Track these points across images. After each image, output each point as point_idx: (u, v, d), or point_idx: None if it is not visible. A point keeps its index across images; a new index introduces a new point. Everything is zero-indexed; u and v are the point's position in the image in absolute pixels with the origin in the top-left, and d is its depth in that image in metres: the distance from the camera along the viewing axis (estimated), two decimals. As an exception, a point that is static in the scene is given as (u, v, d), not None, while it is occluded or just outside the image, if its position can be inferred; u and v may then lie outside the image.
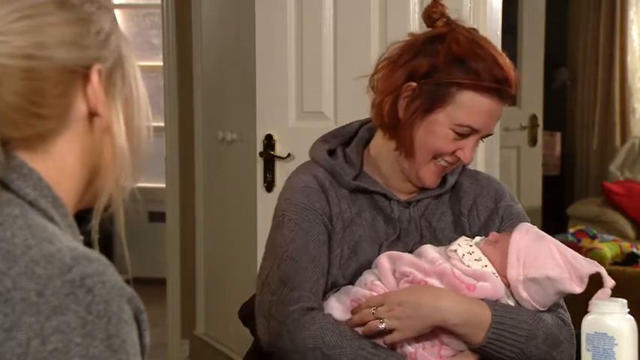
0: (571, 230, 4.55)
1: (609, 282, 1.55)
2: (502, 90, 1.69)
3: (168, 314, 4.30)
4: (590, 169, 6.02)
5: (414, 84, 1.69)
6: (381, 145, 1.80)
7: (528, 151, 5.21)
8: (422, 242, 1.76)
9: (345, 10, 2.79)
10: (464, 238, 1.72)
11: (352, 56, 2.75)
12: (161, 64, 4.33)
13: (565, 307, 1.74)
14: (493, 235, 1.72)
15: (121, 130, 1.00)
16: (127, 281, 0.91)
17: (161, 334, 4.28)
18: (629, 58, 5.89)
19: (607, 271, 1.58)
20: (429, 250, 1.69)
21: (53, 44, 0.94)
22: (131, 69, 1.03)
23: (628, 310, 1.44)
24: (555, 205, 5.64)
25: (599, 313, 1.43)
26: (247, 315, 1.95)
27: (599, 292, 1.53)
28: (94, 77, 0.98)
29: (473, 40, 1.71)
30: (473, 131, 1.71)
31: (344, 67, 2.78)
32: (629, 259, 4.13)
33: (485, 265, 1.65)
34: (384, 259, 1.71)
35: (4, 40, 0.92)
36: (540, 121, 5.23)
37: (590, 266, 1.60)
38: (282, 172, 2.85)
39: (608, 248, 4.14)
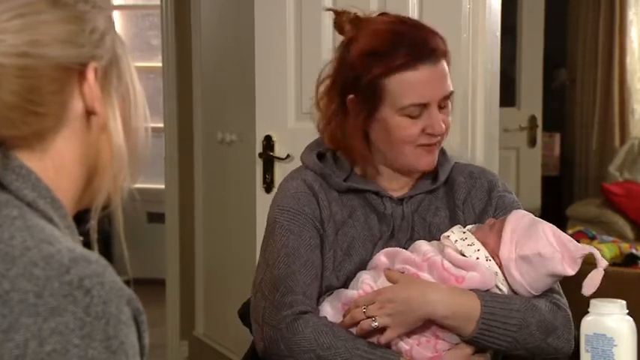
0: (570, 231, 4.54)
1: (602, 262, 1.57)
2: (420, 54, 1.68)
3: (168, 315, 4.30)
4: (590, 169, 6.02)
5: (352, 95, 1.72)
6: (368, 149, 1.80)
7: (527, 151, 5.20)
8: (413, 238, 1.77)
9: (345, 11, 2.79)
10: (458, 226, 1.73)
11: (351, 57, 2.75)
12: (160, 64, 4.33)
13: (562, 292, 1.74)
14: (489, 220, 1.73)
15: (118, 128, 1.00)
16: (127, 282, 0.91)
17: (160, 334, 4.28)
18: (628, 59, 5.88)
19: (606, 272, 1.58)
20: (423, 244, 1.71)
21: (47, 42, 0.94)
22: (127, 68, 1.03)
23: (627, 311, 1.44)
24: (554, 206, 5.63)
25: (599, 314, 1.43)
26: (247, 314, 1.95)
27: (593, 272, 1.54)
28: (90, 75, 0.98)
29: (378, 28, 1.73)
30: (422, 105, 1.70)
31: (343, 67, 2.78)
32: (629, 260, 4.12)
33: (478, 250, 1.65)
34: (381, 257, 1.72)
35: None
36: (539, 122, 5.23)
37: (584, 248, 1.61)
38: (281, 173, 2.85)
39: (608, 249, 4.14)
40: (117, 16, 6.19)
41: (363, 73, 1.71)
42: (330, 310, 1.71)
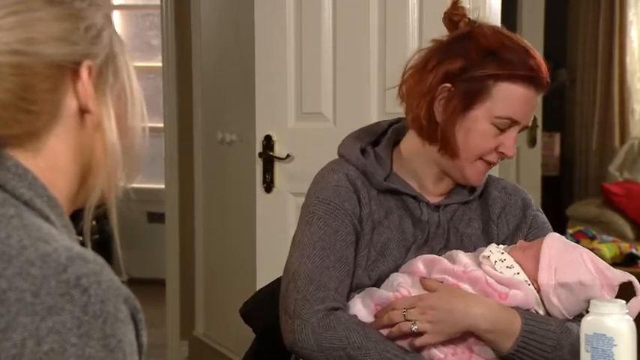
0: (570, 231, 4.55)
1: None
2: (537, 78, 1.69)
3: (168, 315, 4.30)
4: (590, 169, 6.02)
5: (449, 85, 1.69)
6: (414, 146, 1.78)
7: (527, 151, 5.20)
8: (447, 247, 1.76)
9: (344, 11, 2.79)
10: (494, 245, 1.71)
11: (351, 57, 2.75)
12: (160, 64, 4.33)
13: None
14: (521, 242, 1.71)
15: (111, 126, 1.00)
16: (131, 281, 0.91)
17: (160, 334, 4.28)
18: (628, 59, 5.89)
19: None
20: (461, 255, 1.69)
21: (42, 40, 0.94)
22: (124, 66, 1.03)
23: (627, 310, 1.44)
24: (554, 206, 5.63)
25: (598, 314, 1.43)
26: (249, 313, 1.95)
27: (633, 300, 1.53)
28: (84, 73, 0.98)
29: (500, 32, 1.72)
30: (513, 123, 1.70)
31: (343, 67, 2.78)
32: (628, 259, 4.13)
33: (518, 273, 1.64)
34: (419, 264, 1.70)
35: None
36: (539, 122, 5.23)
37: (623, 275, 1.60)
38: (281, 173, 2.85)
39: (607, 249, 4.14)
40: (117, 16, 6.19)
41: (475, 69, 1.68)
42: (362, 308, 1.69)
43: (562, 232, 4.65)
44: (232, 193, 3.65)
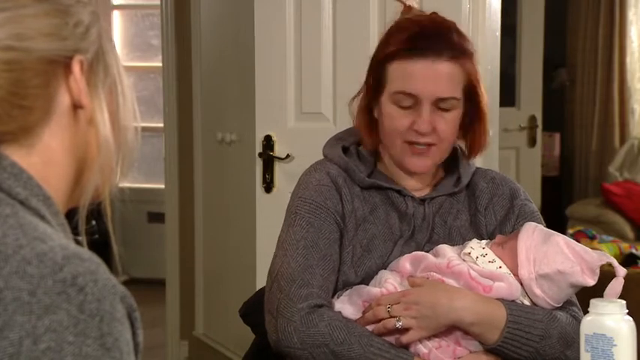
0: (570, 231, 4.55)
1: (621, 271, 1.56)
2: (424, 48, 1.70)
3: (167, 315, 4.30)
4: (589, 169, 6.02)
5: (371, 78, 1.77)
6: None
7: (527, 152, 5.20)
8: (432, 240, 1.76)
9: (344, 11, 2.79)
10: (475, 240, 1.72)
11: (351, 57, 2.75)
12: (160, 64, 4.33)
13: (579, 305, 1.74)
14: (499, 237, 1.72)
15: (105, 120, 1.00)
16: (131, 281, 0.91)
17: (160, 334, 4.28)
18: (628, 59, 5.89)
19: (606, 272, 1.58)
20: (447, 249, 1.70)
21: (31, 35, 0.95)
22: (114, 63, 1.03)
23: (627, 311, 1.44)
24: (554, 206, 5.63)
25: (598, 314, 1.43)
26: (248, 313, 1.95)
27: (614, 281, 1.54)
28: (76, 68, 0.98)
29: (407, 18, 1.76)
30: (414, 98, 1.71)
31: (343, 68, 2.78)
32: (628, 259, 4.13)
33: (500, 267, 1.65)
34: (406, 264, 1.71)
35: None
36: (539, 122, 5.23)
37: (600, 257, 1.61)
38: (281, 173, 2.85)
39: (607, 249, 4.14)
40: (117, 16, 6.19)
41: (375, 55, 1.76)
42: (349, 306, 1.70)
43: (562, 232, 4.65)
44: (232, 193, 3.65)
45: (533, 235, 1.66)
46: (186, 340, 4.24)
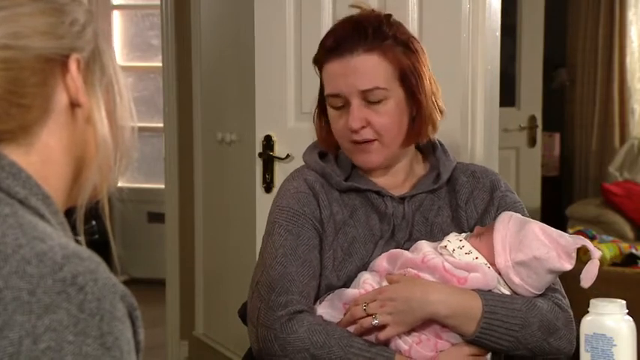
0: (570, 231, 4.55)
1: (596, 253, 1.58)
2: (334, 47, 1.74)
3: (167, 315, 4.30)
4: (589, 169, 6.02)
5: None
6: None
7: (527, 152, 5.20)
8: (412, 238, 1.77)
9: (344, 12, 2.78)
10: (454, 234, 1.73)
11: (351, 57, 2.75)
12: (160, 64, 4.33)
13: (563, 292, 1.74)
14: (477, 228, 1.73)
15: (102, 119, 1.01)
16: (131, 281, 0.91)
17: (160, 334, 4.28)
18: (628, 59, 5.89)
19: (606, 272, 1.58)
20: (424, 245, 1.70)
21: (28, 34, 0.95)
22: (110, 62, 1.04)
23: (627, 310, 1.44)
24: (554, 206, 5.64)
25: (598, 314, 1.43)
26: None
27: (589, 264, 1.55)
28: (73, 66, 0.98)
29: (338, 21, 1.83)
30: (341, 98, 1.73)
31: (343, 67, 2.78)
32: (628, 260, 4.12)
33: (477, 257, 1.65)
34: (383, 262, 1.71)
35: None
36: (539, 122, 5.23)
37: (575, 241, 1.61)
38: (281, 173, 2.85)
39: (607, 249, 4.14)
40: (117, 16, 6.19)
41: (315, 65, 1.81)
42: (330, 310, 1.71)
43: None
44: (232, 193, 3.65)
45: (508, 225, 1.66)
46: (186, 340, 4.24)
